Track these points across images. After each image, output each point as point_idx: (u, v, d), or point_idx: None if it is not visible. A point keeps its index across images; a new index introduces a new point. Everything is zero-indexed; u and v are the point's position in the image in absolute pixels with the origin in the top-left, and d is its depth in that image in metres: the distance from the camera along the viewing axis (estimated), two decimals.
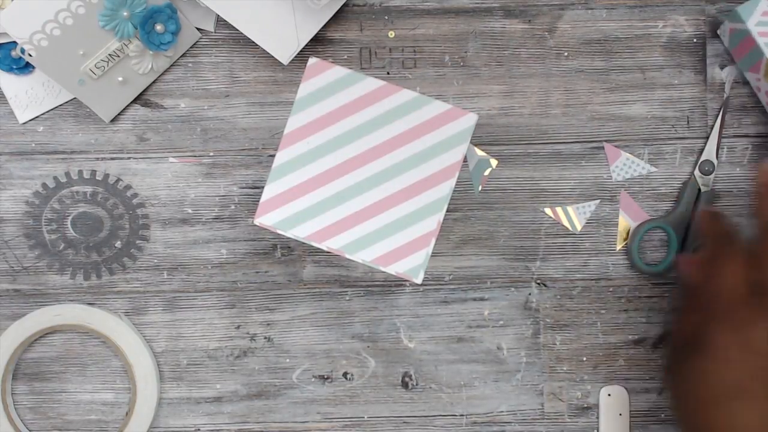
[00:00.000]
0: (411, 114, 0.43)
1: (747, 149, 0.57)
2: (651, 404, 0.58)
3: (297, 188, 0.43)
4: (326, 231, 0.43)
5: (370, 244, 0.43)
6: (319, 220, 0.43)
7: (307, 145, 0.43)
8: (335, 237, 0.43)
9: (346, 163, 0.43)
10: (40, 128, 0.57)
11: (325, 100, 0.43)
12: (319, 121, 0.43)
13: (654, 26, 0.57)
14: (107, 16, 0.53)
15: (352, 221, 0.43)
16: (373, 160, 0.43)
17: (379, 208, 0.43)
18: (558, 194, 0.57)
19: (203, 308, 0.58)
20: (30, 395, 0.58)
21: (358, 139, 0.43)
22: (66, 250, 0.57)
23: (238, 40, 0.57)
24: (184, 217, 0.57)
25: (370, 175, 0.43)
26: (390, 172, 0.43)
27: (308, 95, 0.43)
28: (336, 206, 0.43)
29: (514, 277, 0.57)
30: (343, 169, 0.43)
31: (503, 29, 0.57)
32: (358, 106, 0.43)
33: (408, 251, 0.43)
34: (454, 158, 0.43)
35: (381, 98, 0.43)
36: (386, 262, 0.43)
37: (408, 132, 0.43)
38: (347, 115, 0.43)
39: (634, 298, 0.57)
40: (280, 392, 0.58)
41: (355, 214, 0.43)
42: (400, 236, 0.43)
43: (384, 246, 0.43)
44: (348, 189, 0.43)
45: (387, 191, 0.43)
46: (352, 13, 0.57)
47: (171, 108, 0.57)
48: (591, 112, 0.57)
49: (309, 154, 0.43)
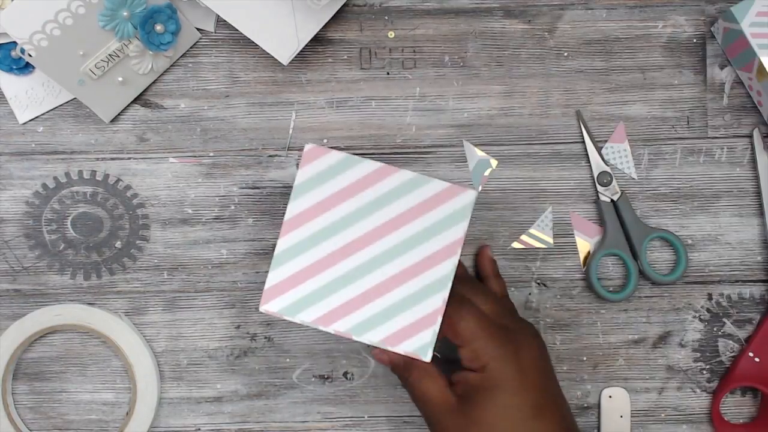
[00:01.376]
0: (410, 194, 0.43)
1: (747, 149, 0.57)
2: (651, 404, 0.58)
3: (301, 273, 0.43)
4: (332, 314, 0.43)
5: (377, 324, 0.43)
6: (324, 303, 0.43)
7: (308, 230, 0.43)
8: (342, 319, 0.43)
9: (349, 246, 0.43)
10: (40, 128, 0.57)
11: (323, 185, 0.43)
12: (319, 206, 0.43)
13: (654, 26, 0.57)
14: (107, 17, 0.53)
15: (358, 303, 0.43)
16: (374, 241, 0.43)
17: (384, 288, 0.43)
18: (558, 194, 0.57)
19: (203, 308, 0.58)
20: (30, 395, 0.58)
21: (358, 221, 0.43)
22: (66, 250, 0.57)
23: (238, 40, 0.57)
24: (184, 218, 0.57)
25: (372, 257, 0.43)
26: (392, 253, 0.43)
27: (307, 181, 0.43)
28: (340, 289, 0.43)
29: (514, 277, 0.57)
30: (346, 251, 0.43)
31: (503, 29, 0.57)
32: (356, 189, 0.43)
33: (415, 330, 0.43)
34: (455, 235, 0.43)
35: (379, 180, 0.43)
36: (394, 342, 0.43)
37: (408, 212, 0.43)
38: (346, 199, 0.43)
39: (634, 298, 0.57)
40: (281, 392, 0.58)
41: (360, 295, 0.43)
42: (406, 315, 0.43)
43: (391, 326, 0.43)
44: (351, 271, 0.43)
45: (390, 271, 0.43)
46: (352, 13, 0.57)
47: (171, 108, 0.57)
48: (591, 112, 0.57)
49: (311, 239, 0.43)
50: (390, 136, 0.57)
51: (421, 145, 0.57)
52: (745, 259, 0.57)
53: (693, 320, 0.57)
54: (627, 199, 0.56)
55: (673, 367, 0.57)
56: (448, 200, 0.43)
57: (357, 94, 0.57)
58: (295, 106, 0.57)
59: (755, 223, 0.57)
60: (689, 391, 0.58)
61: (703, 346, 0.57)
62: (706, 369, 0.57)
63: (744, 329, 0.57)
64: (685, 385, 0.58)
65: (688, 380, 0.58)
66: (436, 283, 0.43)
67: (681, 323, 0.57)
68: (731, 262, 0.57)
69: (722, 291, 0.57)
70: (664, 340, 0.57)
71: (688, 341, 0.57)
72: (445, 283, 0.43)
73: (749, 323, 0.57)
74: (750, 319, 0.57)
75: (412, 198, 0.43)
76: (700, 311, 0.57)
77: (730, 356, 0.57)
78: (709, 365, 0.57)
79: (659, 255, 0.57)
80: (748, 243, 0.57)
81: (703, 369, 0.58)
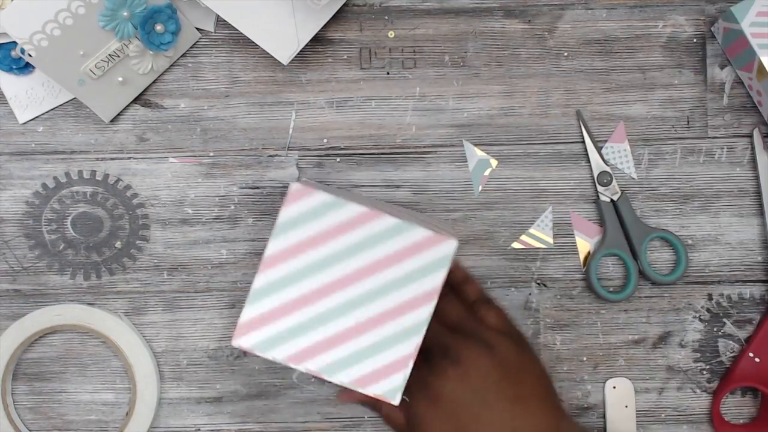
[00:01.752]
0: (391, 240, 0.43)
1: (747, 149, 0.57)
2: (651, 404, 0.58)
3: (276, 311, 0.43)
4: (305, 353, 0.43)
5: (349, 365, 0.43)
6: (298, 341, 0.43)
7: (287, 269, 0.43)
8: (314, 359, 0.43)
9: (326, 287, 0.43)
10: (40, 128, 0.57)
11: (306, 225, 0.43)
12: (300, 246, 0.43)
13: (654, 26, 0.57)
14: (107, 17, 0.53)
15: (331, 343, 0.43)
16: (352, 284, 0.43)
17: (358, 330, 0.43)
18: (558, 194, 0.57)
19: (203, 308, 0.58)
20: (30, 395, 0.58)
21: (338, 263, 0.43)
22: (66, 250, 0.57)
23: (238, 40, 0.57)
24: (184, 217, 0.57)
25: (349, 299, 0.43)
26: (369, 296, 0.43)
27: (290, 220, 0.43)
28: (315, 328, 0.43)
29: (514, 277, 0.57)
30: (323, 292, 0.43)
31: (503, 29, 0.57)
32: (339, 231, 0.43)
33: (386, 373, 0.43)
34: (433, 283, 0.43)
35: (362, 224, 0.43)
36: (364, 384, 0.43)
37: (388, 257, 0.43)
38: (328, 240, 0.43)
39: (634, 298, 0.57)
40: (280, 392, 0.58)
41: (334, 336, 0.43)
42: (378, 358, 0.43)
43: (362, 368, 0.43)
44: (327, 312, 0.43)
45: (366, 315, 0.43)
46: (352, 13, 0.57)
47: (171, 108, 0.57)
48: (591, 112, 0.57)
49: (289, 277, 0.43)
50: (390, 136, 0.57)
51: (421, 145, 0.57)
52: (745, 259, 0.57)
53: (693, 320, 0.57)
54: (627, 199, 0.56)
55: (673, 367, 0.57)
56: (430, 248, 0.43)
57: (357, 94, 0.57)
58: (295, 106, 0.57)
59: (755, 223, 0.57)
60: (689, 391, 0.58)
61: (703, 346, 0.57)
62: (706, 369, 0.57)
63: (744, 329, 0.57)
64: (685, 385, 0.58)
65: (688, 380, 0.58)
66: (410, 329, 0.43)
67: (681, 323, 0.57)
68: (731, 262, 0.57)
69: (722, 291, 0.57)
70: (664, 340, 0.57)
71: (688, 341, 0.57)
72: (420, 329, 0.43)
73: (749, 323, 0.57)
74: (750, 319, 0.57)
75: (394, 244, 0.43)
76: (700, 311, 0.57)
77: (730, 356, 0.57)
78: (709, 365, 0.57)
79: (659, 255, 0.57)
80: (748, 243, 0.57)
81: (703, 369, 0.57)
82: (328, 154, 0.57)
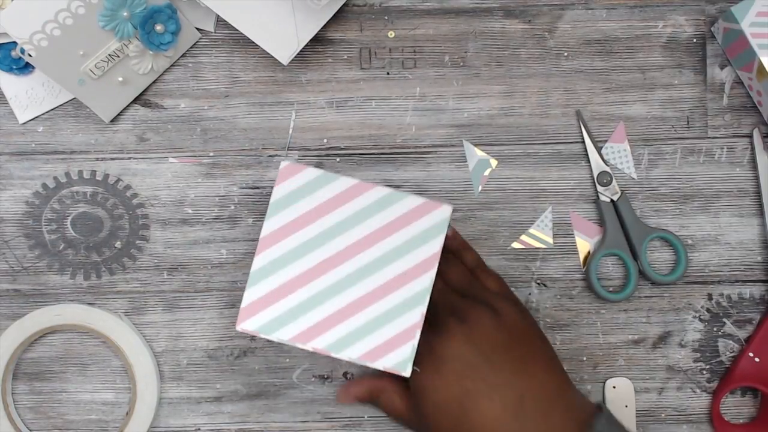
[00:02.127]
0: (386, 210, 0.43)
1: (747, 149, 0.57)
2: (651, 404, 0.58)
3: (277, 291, 0.43)
4: (310, 331, 0.43)
5: (355, 341, 0.43)
6: (301, 321, 0.43)
7: (285, 247, 0.43)
8: (319, 337, 0.43)
9: (325, 263, 0.43)
10: (40, 128, 0.57)
11: (299, 203, 0.43)
12: (295, 224, 0.43)
13: (654, 26, 0.57)
14: (107, 17, 0.53)
15: (335, 320, 0.43)
16: (351, 257, 0.43)
17: (361, 304, 0.43)
18: (558, 194, 0.57)
19: (203, 308, 0.58)
20: (30, 395, 0.58)
21: (334, 238, 0.43)
22: (66, 250, 0.57)
23: (238, 40, 0.57)
24: (184, 217, 0.57)
25: (349, 273, 0.43)
26: (369, 269, 0.43)
27: (282, 198, 0.43)
28: (317, 306, 0.43)
29: (514, 277, 0.57)
30: (322, 268, 0.43)
31: (503, 29, 0.57)
32: (332, 205, 0.43)
33: (394, 345, 0.43)
34: (431, 250, 0.43)
35: (355, 196, 0.43)
36: (373, 357, 0.43)
37: (384, 228, 0.43)
38: (322, 216, 0.43)
39: (634, 298, 0.57)
40: (281, 392, 0.58)
41: (338, 312, 0.43)
42: (384, 331, 0.43)
43: (369, 342, 0.43)
44: (328, 288, 0.43)
45: (367, 287, 0.43)
46: (352, 13, 0.57)
47: (171, 108, 0.57)
48: (591, 112, 0.57)
49: (287, 256, 0.43)
50: (390, 136, 0.57)
51: (421, 145, 0.57)
52: (745, 259, 0.57)
53: (693, 320, 0.57)
54: (627, 199, 0.56)
55: (673, 367, 0.57)
56: (424, 215, 0.43)
57: (357, 94, 0.57)
58: (295, 106, 0.57)
59: (755, 223, 0.57)
60: (689, 391, 0.58)
61: (703, 346, 0.57)
62: (706, 369, 0.57)
63: (744, 329, 0.57)
64: (685, 385, 0.58)
65: (688, 380, 0.58)
66: (413, 298, 0.43)
67: (681, 323, 0.57)
68: (731, 262, 0.57)
69: (722, 291, 0.57)
70: (664, 340, 0.57)
71: (688, 341, 0.57)
72: (423, 297, 0.43)
73: (749, 323, 0.57)
74: (750, 319, 0.57)
75: (388, 214, 0.43)
76: (700, 311, 0.57)
77: (730, 356, 0.57)
78: (709, 365, 0.57)
79: (659, 255, 0.57)
80: (748, 243, 0.57)
81: (703, 369, 0.58)
82: (328, 154, 0.57)
